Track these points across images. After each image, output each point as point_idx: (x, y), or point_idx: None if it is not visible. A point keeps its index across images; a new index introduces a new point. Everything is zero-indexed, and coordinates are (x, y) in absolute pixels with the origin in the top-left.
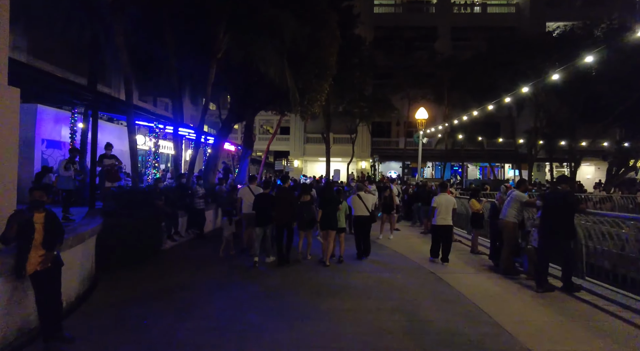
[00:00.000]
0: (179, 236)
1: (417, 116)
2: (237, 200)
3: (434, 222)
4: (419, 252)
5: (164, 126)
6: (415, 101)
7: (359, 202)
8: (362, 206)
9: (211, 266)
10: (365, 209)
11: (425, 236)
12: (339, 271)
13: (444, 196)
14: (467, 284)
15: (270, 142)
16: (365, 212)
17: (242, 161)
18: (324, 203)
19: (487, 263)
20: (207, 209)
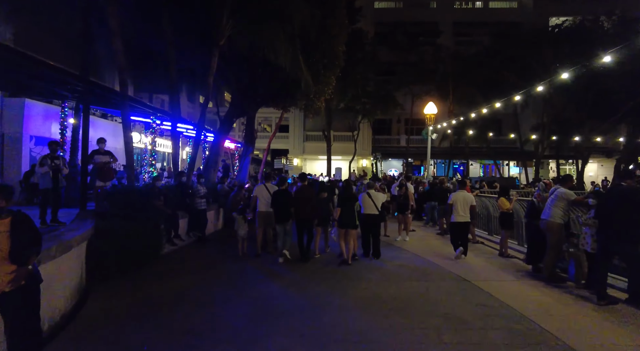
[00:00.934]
0: (179, 239)
1: (426, 111)
2: (252, 199)
3: (452, 219)
4: (443, 255)
5: (161, 122)
6: (418, 97)
7: (369, 200)
8: (371, 205)
9: (217, 271)
10: (375, 207)
11: (444, 237)
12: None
13: (462, 193)
14: (511, 294)
15: (271, 140)
16: (374, 211)
17: (243, 158)
18: (343, 202)
19: (523, 268)
20: (209, 209)
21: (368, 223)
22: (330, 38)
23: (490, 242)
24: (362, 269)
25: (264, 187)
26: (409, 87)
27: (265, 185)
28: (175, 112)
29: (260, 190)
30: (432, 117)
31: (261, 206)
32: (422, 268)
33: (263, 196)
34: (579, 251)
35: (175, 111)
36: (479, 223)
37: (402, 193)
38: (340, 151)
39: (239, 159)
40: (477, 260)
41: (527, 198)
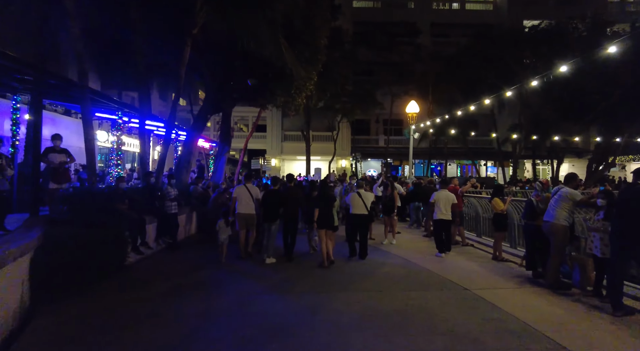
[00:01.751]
0: (146, 247)
1: (408, 110)
2: (232, 200)
3: (435, 217)
4: (434, 260)
5: (129, 119)
6: (398, 97)
7: (359, 200)
8: (361, 205)
9: (189, 281)
10: (364, 207)
11: (431, 239)
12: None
13: (444, 192)
14: (517, 304)
15: (248, 139)
16: (364, 211)
17: (219, 158)
18: (322, 202)
19: (521, 274)
20: (180, 213)
21: (356, 223)
22: (313, 30)
23: (480, 244)
24: (353, 277)
25: (244, 188)
26: (389, 87)
27: (246, 186)
28: (144, 108)
29: (240, 191)
30: (414, 116)
31: (241, 207)
32: (416, 275)
33: (243, 197)
34: (583, 255)
35: (144, 106)
36: (469, 225)
37: (388, 193)
38: (319, 151)
39: (214, 159)
40: (471, 265)
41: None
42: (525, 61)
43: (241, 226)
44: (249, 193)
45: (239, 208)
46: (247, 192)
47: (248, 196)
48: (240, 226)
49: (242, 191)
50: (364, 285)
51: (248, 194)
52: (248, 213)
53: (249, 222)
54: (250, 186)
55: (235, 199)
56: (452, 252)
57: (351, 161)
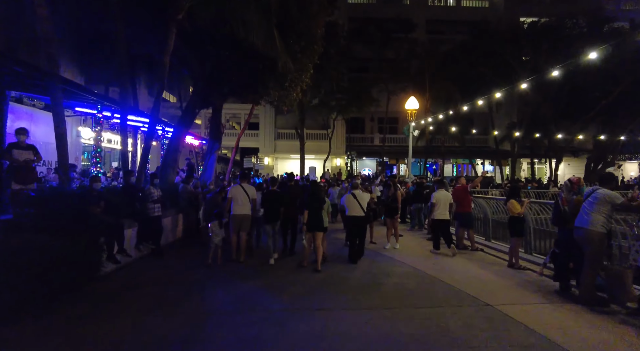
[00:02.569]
0: (124, 254)
1: (407, 106)
2: (227, 200)
3: (433, 217)
4: (445, 267)
5: (112, 113)
6: (394, 94)
7: (354, 201)
8: (356, 206)
9: (173, 296)
10: (360, 209)
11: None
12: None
13: (442, 192)
14: (553, 326)
15: (240, 137)
16: (360, 212)
17: (209, 156)
18: (311, 203)
19: (546, 285)
20: (165, 215)
21: (353, 225)
22: (308, 17)
23: (490, 249)
24: (358, 289)
25: (240, 188)
26: (385, 85)
27: (242, 185)
28: (127, 101)
29: (236, 191)
30: (414, 112)
31: (237, 208)
32: (428, 287)
33: (240, 197)
34: (622, 267)
35: (127, 99)
36: (478, 228)
37: (391, 194)
38: (313, 149)
39: (204, 157)
40: (486, 274)
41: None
42: (524, 58)
43: (235, 228)
44: (246, 193)
45: (234, 209)
46: (243, 192)
47: (244, 197)
48: (234, 228)
49: (238, 191)
50: (372, 301)
51: (244, 194)
52: (244, 214)
53: (243, 224)
54: (246, 186)
55: (231, 199)
56: (462, 258)
57: (346, 159)
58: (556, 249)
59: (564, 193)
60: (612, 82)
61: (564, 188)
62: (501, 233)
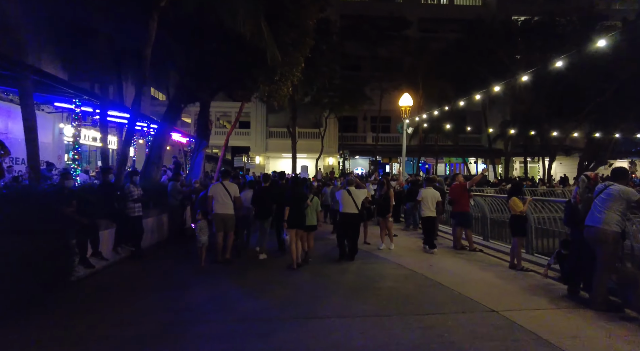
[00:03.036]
0: (99, 258)
1: (401, 103)
2: (208, 199)
3: (422, 214)
4: (443, 269)
5: (94, 109)
6: (387, 92)
7: (349, 198)
8: (351, 203)
9: (150, 304)
10: (355, 206)
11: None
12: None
13: (430, 189)
14: (568, 335)
15: (229, 134)
16: (354, 209)
17: (196, 154)
18: (293, 201)
19: (552, 287)
20: (148, 215)
21: (346, 223)
22: (299, 8)
23: (489, 249)
24: (351, 293)
25: (220, 186)
26: (378, 83)
27: (223, 183)
28: (105, 96)
29: (216, 189)
30: (408, 109)
31: (218, 207)
32: (427, 291)
33: (220, 196)
34: (636, 269)
35: (106, 94)
36: (476, 226)
37: (383, 192)
38: (305, 148)
39: (191, 155)
40: (488, 276)
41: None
42: (517, 57)
43: (218, 227)
44: (227, 191)
45: (216, 208)
46: (224, 190)
47: (225, 195)
48: (218, 227)
49: (219, 189)
50: (367, 306)
51: (225, 192)
52: (226, 213)
53: (227, 223)
54: (227, 184)
55: (212, 198)
56: (461, 260)
57: (338, 158)
58: (562, 250)
59: (579, 189)
60: (605, 79)
61: (579, 184)
62: (500, 232)
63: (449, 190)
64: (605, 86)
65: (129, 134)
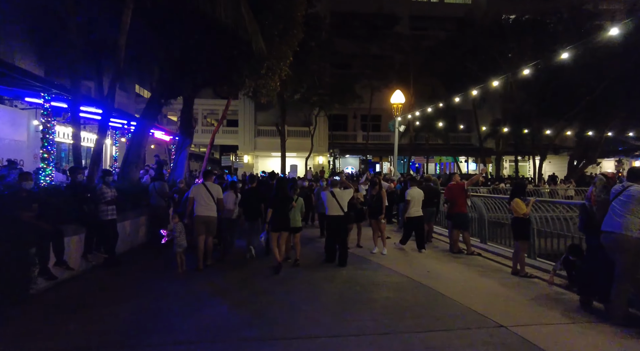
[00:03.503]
0: (64, 267)
1: (393, 100)
2: (189, 201)
3: (408, 214)
4: (441, 277)
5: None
6: (377, 90)
7: (333, 200)
8: (335, 205)
9: (120, 321)
10: (339, 208)
11: (430, 248)
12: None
13: (415, 189)
14: None
15: (215, 131)
16: (338, 211)
17: (179, 153)
18: (277, 202)
19: (561, 297)
20: (124, 218)
21: (332, 226)
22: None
23: (487, 252)
24: (343, 306)
25: (202, 186)
26: (368, 81)
27: (205, 184)
28: (77, 90)
29: (198, 190)
30: (399, 107)
31: (199, 209)
32: (426, 303)
33: (202, 197)
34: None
35: (76, 85)
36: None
37: (375, 192)
38: (295, 147)
39: (174, 153)
40: (490, 284)
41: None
42: (508, 55)
43: (200, 231)
44: (209, 193)
45: (197, 210)
46: (206, 191)
47: (208, 196)
48: (199, 231)
49: (201, 190)
50: (362, 322)
51: (207, 194)
52: (208, 215)
53: (209, 227)
54: (210, 185)
55: (193, 199)
56: (459, 265)
57: (329, 157)
58: (570, 256)
59: (593, 189)
60: (596, 77)
61: (596, 185)
62: (498, 234)
63: (444, 190)
64: (595, 84)
65: (102, 129)
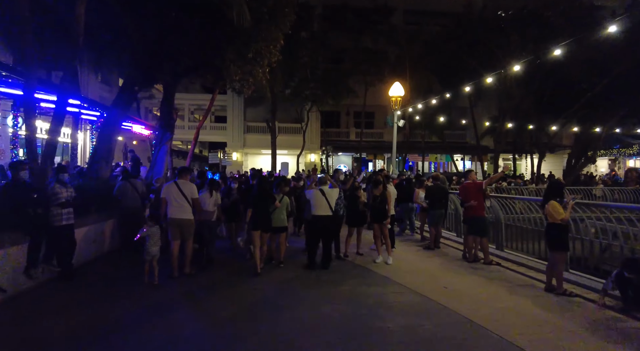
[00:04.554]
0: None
1: (392, 93)
2: (162, 201)
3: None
4: (460, 293)
5: (25, 91)
6: (372, 86)
7: (322, 198)
8: (324, 204)
9: None
10: (328, 207)
11: (437, 254)
12: None
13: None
14: None
15: (200, 125)
16: (327, 211)
17: (158, 148)
18: (258, 201)
19: (623, 324)
20: (86, 223)
21: (318, 226)
22: None
23: (506, 261)
24: (348, 343)
25: (174, 185)
26: (362, 76)
27: (177, 183)
28: (30, 74)
29: (169, 190)
30: (399, 100)
31: (172, 211)
32: (454, 335)
33: (174, 197)
34: None
35: (30, 71)
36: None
37: (379, 193)
38: (286, 144)
39: (153, 148)
40: (525, 304)
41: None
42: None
43: (174, 235)
44: (181, 193)
45: (170, 212)
46: (177, 191)
47: (180, 197)
48: (173, 235)
49: (172, 190)
50: None
51: (179, 193)
52: (182, 217)
53: (184, 230)
54: (183, 183)
55: (165, 200)
56: (480, 278)
57: (321, 155)
58: (626, 272)
59: None
60: (598, 73)
61: None
62: (517, 239)
63: (459, 189)
64: (596, 80)
65: (57, 118)
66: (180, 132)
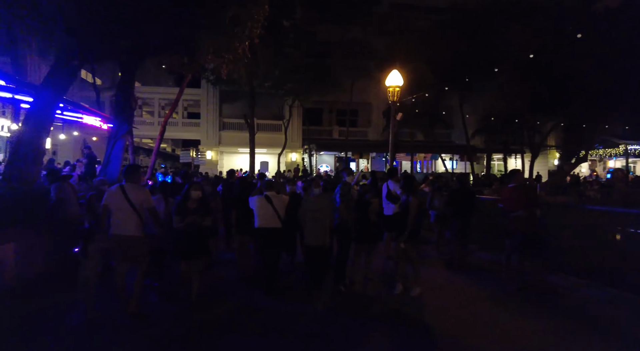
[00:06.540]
0: None
1: (389, 82)
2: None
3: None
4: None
5: None
6: (358, 81)
7: (267, 206)
8: (270, 213)
9: None
10: (276, 217)
11: (468, 276)
12: None
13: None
14: None
15: (167, 118)
16: (275, 223)
17: (112, 142)
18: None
19: None
20: (6, 240)
21: (263, 241)
22: None
23: (558, 287)
24: None
25: (118, 191)
26: (348, 69)
27: (123, 187)
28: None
29: (111, 196)
30: (397, 90)
31: (115, 226)
32: None
33: (119, 207)
34: None
35: None
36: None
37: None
38: (265, 142)
39: (107, 144)
40: None
41: None
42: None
43: (117, 257)
44: (127, 201)
45: (113, 227)
46: (122, 198)
47: (125, 205)
48: (116, 257)
49: (116, 196)
50: None
51: (125, 202)
52: (126, 234)
53: (127, 251)
54: (130, 188)
55: (107, 210)
56: (560, 320)
57: (302, 154)
58: None
59: None
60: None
61: None
62: (564, 258)
63: (500, 195)
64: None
65: None
66: (149, 128)
